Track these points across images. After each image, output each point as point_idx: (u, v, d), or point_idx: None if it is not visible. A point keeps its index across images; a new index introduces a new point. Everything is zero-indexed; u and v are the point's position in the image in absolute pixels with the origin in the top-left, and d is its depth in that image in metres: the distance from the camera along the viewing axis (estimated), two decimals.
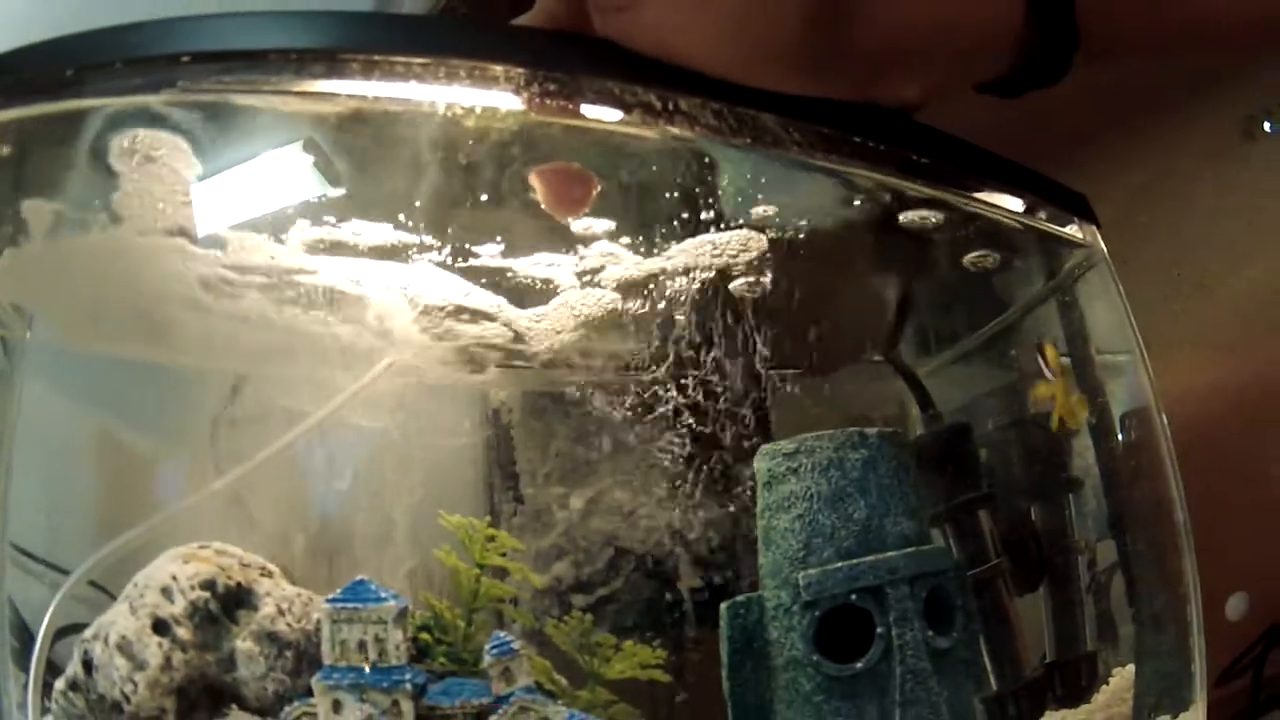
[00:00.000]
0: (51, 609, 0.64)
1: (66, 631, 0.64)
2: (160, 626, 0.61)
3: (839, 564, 0.60)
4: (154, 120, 0.62)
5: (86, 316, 0.71)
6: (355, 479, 0.69)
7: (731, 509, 0.66)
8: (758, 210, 0.71)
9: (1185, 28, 0.70)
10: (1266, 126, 1.41)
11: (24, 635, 0.65)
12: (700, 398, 0.67)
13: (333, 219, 0.67)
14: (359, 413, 0.68)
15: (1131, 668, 0.81)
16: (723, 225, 0.69)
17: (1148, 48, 0.73)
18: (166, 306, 0.68)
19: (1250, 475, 1.35)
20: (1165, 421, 0.82)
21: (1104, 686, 0.82)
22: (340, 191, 0.66)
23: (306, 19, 0.59)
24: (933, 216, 0.76)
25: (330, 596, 0.59)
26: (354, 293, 0.68)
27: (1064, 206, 0.80)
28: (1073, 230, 0.80)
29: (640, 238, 0.69)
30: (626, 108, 0.61)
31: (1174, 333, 1.32)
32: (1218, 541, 1.06)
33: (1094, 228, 0.82)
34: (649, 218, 0.68)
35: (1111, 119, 1.22)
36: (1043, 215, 0.79)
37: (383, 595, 0.59)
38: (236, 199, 0.65)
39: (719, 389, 0.68)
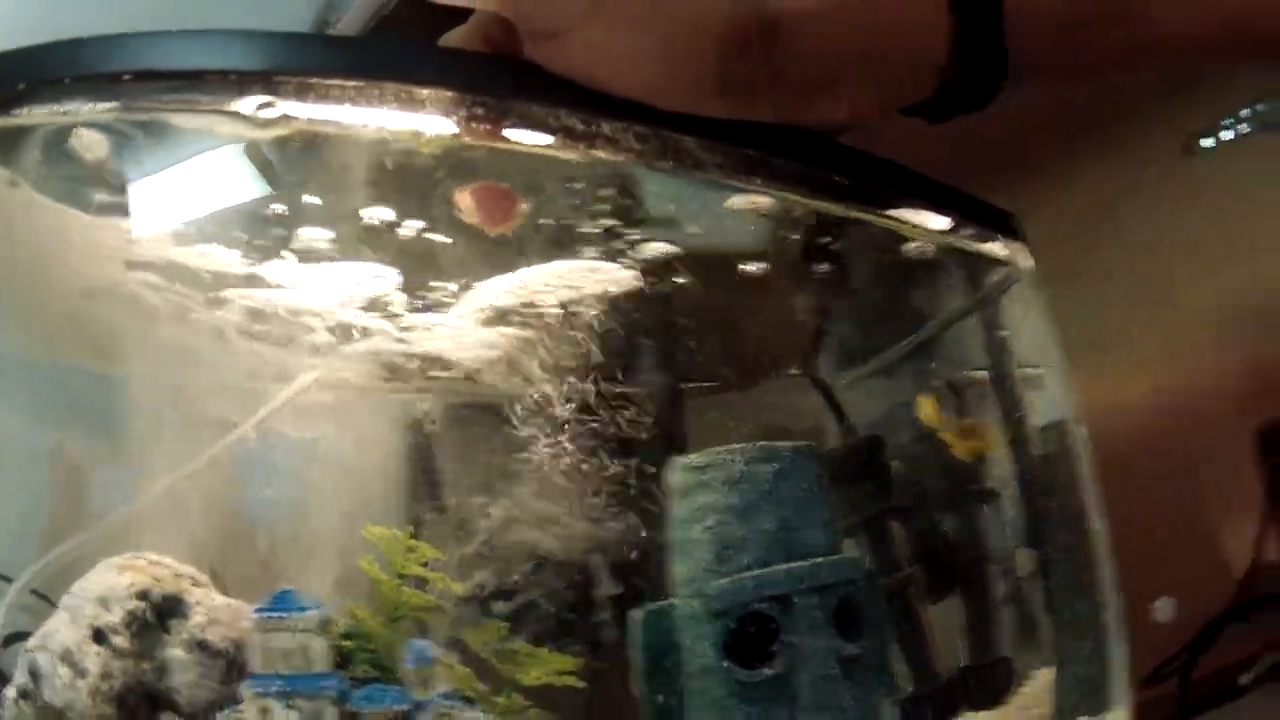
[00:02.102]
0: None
1: (12, 640, 0.66)
2: (99, 636, 0.62)
3: (748, 574, 0.61)
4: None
5: (19, 323, 0.73)
6: (283, 489, 0.71)
7: (647, 520, 0.66)
8: (680, 228, 0.72)
9: (1122, 53, 0.71)
10: (1208, 143, 1.42)
11: None
12: (618, 410, 0.68)
13: (267, 231, 0.68)
14: (287, 423, 0.69)
15: (1051, 671, 0.83)
16: (642, 243, 0.70)
17: (1082, 72, 0.74)
18: (100, 313, 0.69)
19: (1183, 481, 1.36)
20: (1084, 433, 0.83)
21: (1022, 689, 0.82)
22: (274, 206, 0.67)
23: (245, 39, 0.60)
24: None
25: (257, 606, 0.62)
26: (284, 305, 0.69)
27: (989, 224, 0.81)
28: (997, 247, 0.82)
29: (561, 253, 0.70)
30: (551, 131, 0.63)
31: (1110, 345, 1.33)
32: (1152, 546, 1.07)
33: (1020, 244, 0.83)
34: (570, 235, 0.69)
35: (1051, 136, 1.23)
36: (967, 233, 0.80)
37: (305, 605, 0.61)
38: (172, 207, 0.67)
39: (636, 401, 0.69)
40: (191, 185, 0.66)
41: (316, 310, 0.69)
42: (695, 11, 0.61)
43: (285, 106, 0.59)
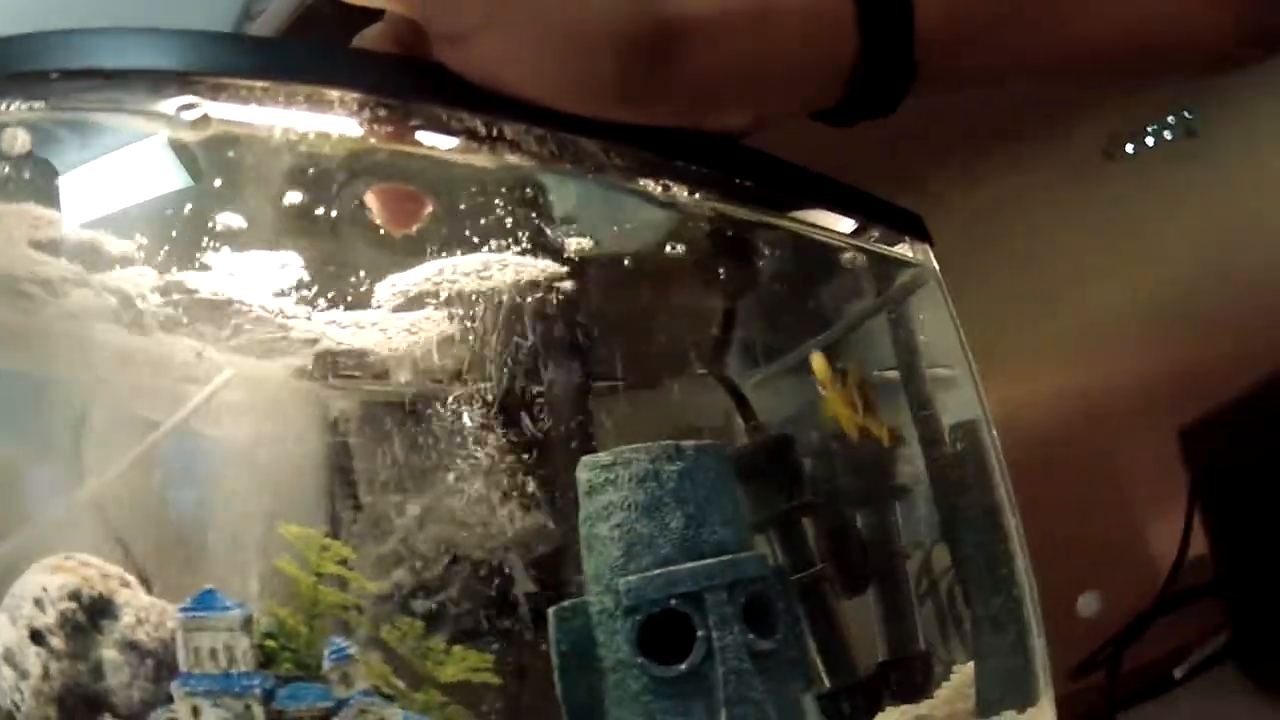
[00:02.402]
0: None
1: None
2: (37, 637, 0.62)
3: (658, 571, 0.62)
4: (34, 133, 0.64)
5: None
6: (204, 489, 0.71)
7: (560, 517, 0.68)
8: (588, 229, 0.74)
9: (1033, 63, 0.72)
10: (1129, 148, 1.43)
11: None
12: (529, 409, 0.69)
13: (185, 227, 0.69)
14: (206, 423, 0.70)
15: (972, 665, 0.84)
16: (552, 244, 0.72)
17: (989, 81, 0.76)
18: (19, 311, 0.69)
19: (1098, 479, 1.38)
20: (995, 432, 0.84)
21: (945, 683, 0.84)
22: (194, 202, 0.68)
23: (165, 37, 0.61)
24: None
25: (181, 607, 0.62)
26: (201, 303, 0.70)
27: (896, 226, 0.83)
28: (903, 249, 0.83)
29: (470, 255, 0.71)
30: (454, 133, 0.64)
31: (1021, 345, 1.34)
32: (1073, 542, 1.09)
33: (926, 246, 0.85)
34: (480, 236, 0.71)
35: (966, 135, 1.25)
36: (874, 235, 0.81)
37: (228, 604, 0.62)
38: (92, 200, 0.67)
39: (547, 401, 0.70)
40: (111, 179, 0.66)
41: (234, 307, 0.70)
42: (593, 20, 0.62)
43: (207, 107, 0.60)
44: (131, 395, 0.72)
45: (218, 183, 0.67)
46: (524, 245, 0.71)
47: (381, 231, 0.70)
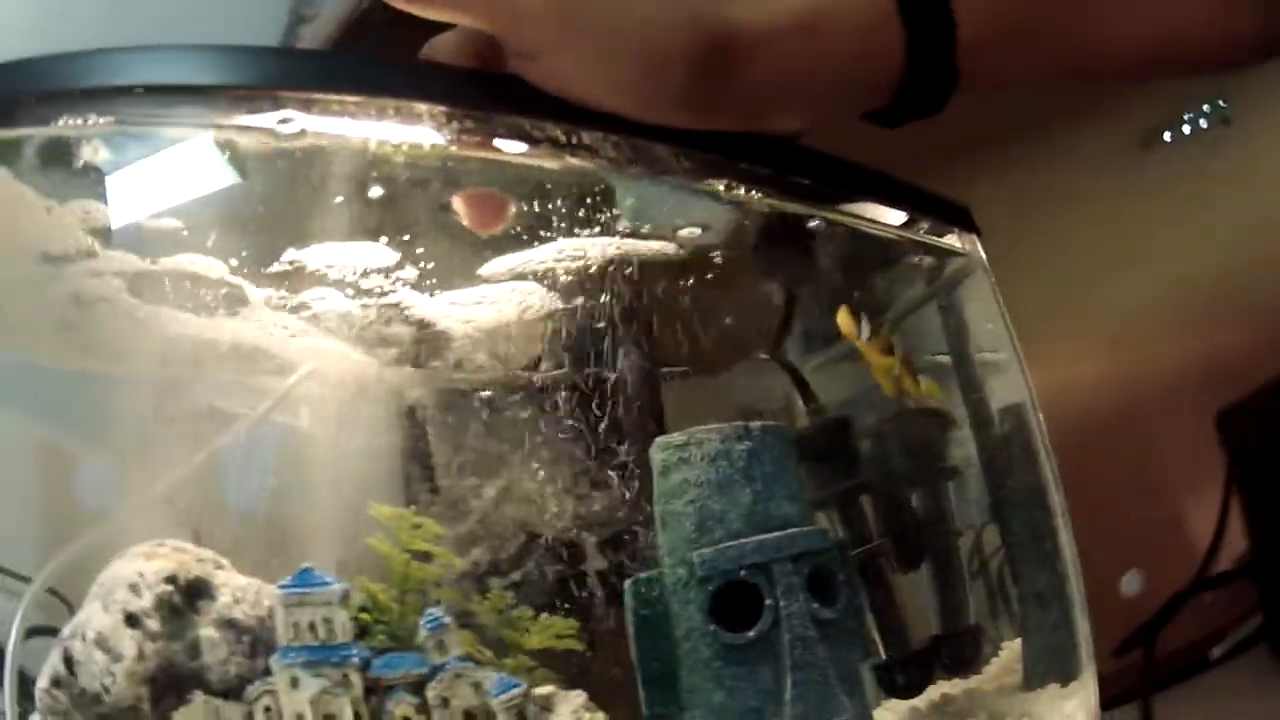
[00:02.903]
0: (20, 613, 0.68)
1: (32, 634, 0.69)
2: (132, 620, 0.66)
3: (729, 544, 0.66)
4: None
5: (10, 326, 0.75)
6: (286, 477, 0.74)
7: (631, 496, 0.72)
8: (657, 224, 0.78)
9: (1067, 64, 0.76)
10: (1167, 136, 1.45)
11: None
12: (601, 394, 0.73)
13: (257, 229, 0.72)
14: (287, 414, 0.74)
15: (1020, 641, 0.88)
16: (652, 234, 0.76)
17: (1029, 83, 0.79)
18: (93, 313, 0.72)
19: (1136, 462, 1.40)
20: (1041, 415, 0.88)
21: (995, 658, 0.88)
22: (267, 204, 0.71)
23: (243, 54, 0.64)
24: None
25: (281, 584, 0.66)
26: (277, 298, 0.73)
27: (944, 218, 0.86)
28: (952, 240, 0.86)
29: (544, 248, 0.75)
30: (535, 141, 0.68)
31: (1059, 332, 1.36)
32: (1114, 523, 1.11)
33: (974, 236, 0.88)
34: (555, 229, 0.75)
35: (1008, 126, 1.26)
36: (923, 226, 0.84)
37: (328, 580, 0.66)
38: (160, 205, 0.69)
39: (618, 386, 0.74)
40: (179, 188, 0.68)
41: (309, 305, 0.73)
42: (659, 35, 0.66)
43: (300, 119, 0.64)
44: (212, 390, 0.75)
45: (307, 185, 0.70)
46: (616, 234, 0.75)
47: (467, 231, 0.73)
